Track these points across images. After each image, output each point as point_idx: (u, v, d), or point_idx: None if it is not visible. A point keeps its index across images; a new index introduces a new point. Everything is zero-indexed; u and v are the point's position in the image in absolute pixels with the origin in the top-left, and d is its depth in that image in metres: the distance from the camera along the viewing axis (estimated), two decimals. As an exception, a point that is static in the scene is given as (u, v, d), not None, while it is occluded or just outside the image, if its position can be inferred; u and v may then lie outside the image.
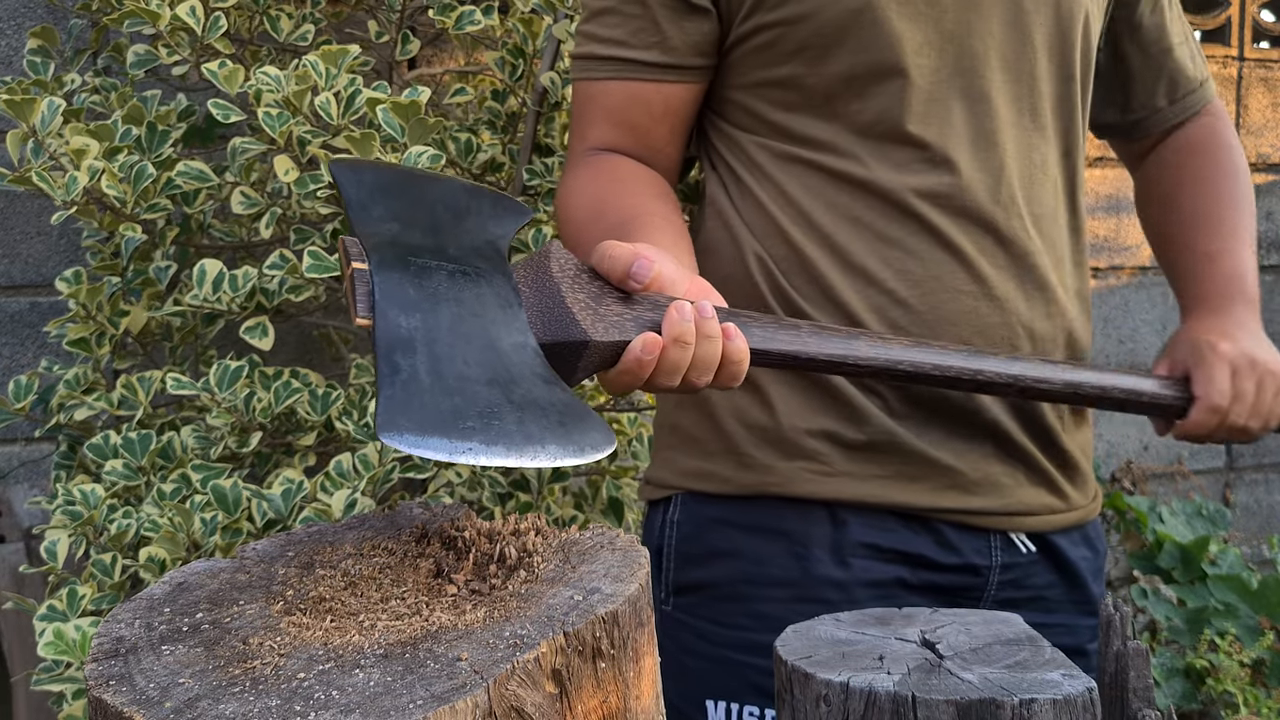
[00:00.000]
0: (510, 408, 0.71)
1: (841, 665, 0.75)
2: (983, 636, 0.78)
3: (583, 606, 0.65)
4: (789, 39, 1.03)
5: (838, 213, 1.06)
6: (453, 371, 0.71)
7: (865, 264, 1.05)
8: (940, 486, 1.07)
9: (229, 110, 1.35)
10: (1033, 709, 0.69)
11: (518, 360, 0.74)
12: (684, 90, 1.08)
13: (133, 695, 0.58)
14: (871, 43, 1.02)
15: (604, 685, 0.64)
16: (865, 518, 1.06)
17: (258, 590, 0.72)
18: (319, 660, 0.61)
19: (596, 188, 1.06)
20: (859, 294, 1.05)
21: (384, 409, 0.67)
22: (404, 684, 0.58)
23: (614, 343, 0.80)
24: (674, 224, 1.01)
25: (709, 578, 1.10)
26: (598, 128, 1.09)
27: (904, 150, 1.04)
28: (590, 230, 1.00)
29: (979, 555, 1.09)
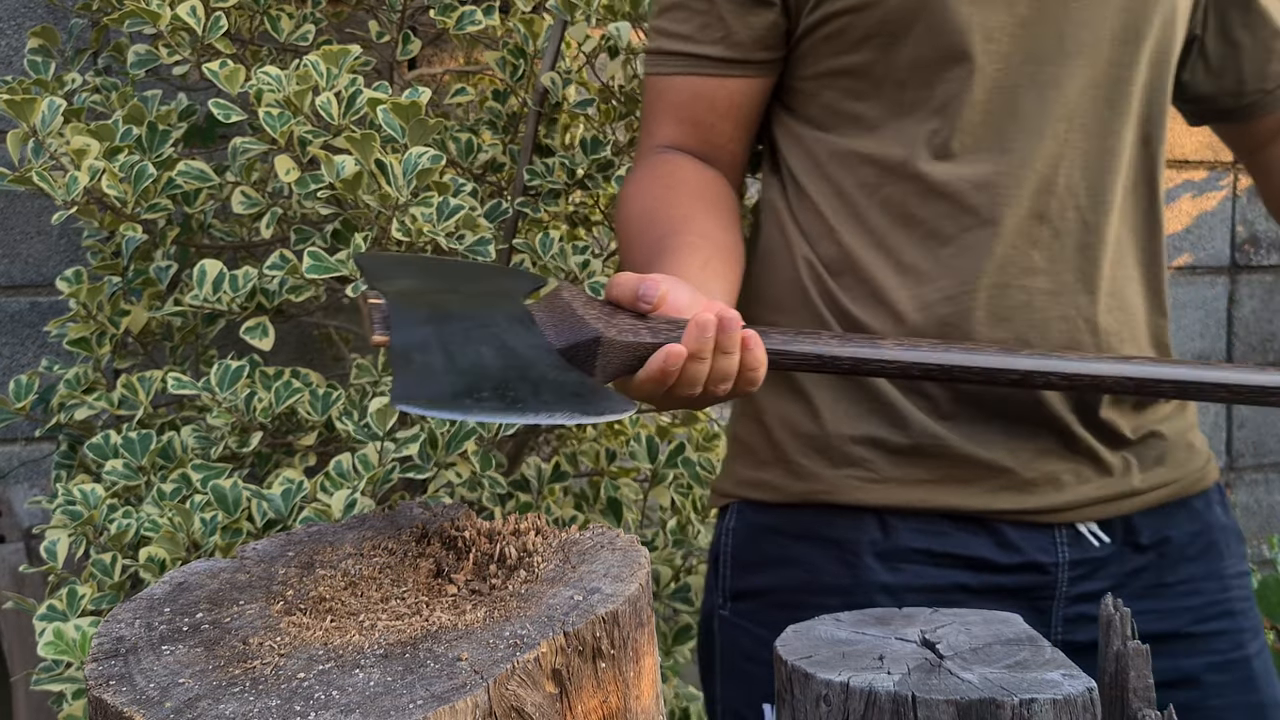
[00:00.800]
0: (525, 384, 0.74)
1: (841, 665, 0.75)
2: (983, 636, 0.78)
3: (583, 606, 0.65)
4: (857, 27, 1.03)
5: (891, 211, 1.05)
6: (467, 362, 0.74)
7: (916, 263, 1.04)
8: (994, 488, 1.05)
9: (230, 110, 1.35)
10: (1033, 709, 0.69)
11: (534, 357, 0.77)
12: (748, 85, 1.08)
13: (133, 695, 0.58)
14: (940, 29, 1.01)
15: (604, 685, 0.64)
16: (915, 523, 1.06)
17: (258, 590, 0.72)
18: (319, 660, 0.61)
19: (651, 194, 1.08)
20: (909, 293, 1.04)
21: (399, 385, 0.70)
22: (404, 684, 0.58)
23: (628, 343, 0.83)
24: (712, 241, 1.02)
25: (763, 584, 1.11)
26: (663, 124, 1.10)
27: (964, 138, 1.03)
28: (637, 242, 1.05)
29: (1043, 553, 1.07)
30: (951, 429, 1.04)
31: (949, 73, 1.02)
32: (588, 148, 1.48)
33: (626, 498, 1.52)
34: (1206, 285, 2.79)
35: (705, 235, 1.02)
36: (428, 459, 1.30)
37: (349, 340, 1.72)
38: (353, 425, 1.31)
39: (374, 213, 1.27)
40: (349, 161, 1.22)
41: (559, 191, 1.51)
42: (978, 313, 1.03)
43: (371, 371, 1.43)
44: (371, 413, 1.28)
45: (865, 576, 1.06)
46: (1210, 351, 2.81)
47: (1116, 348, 1.07)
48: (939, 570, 1.06)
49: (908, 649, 0.77)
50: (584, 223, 1.62)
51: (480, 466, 1.34)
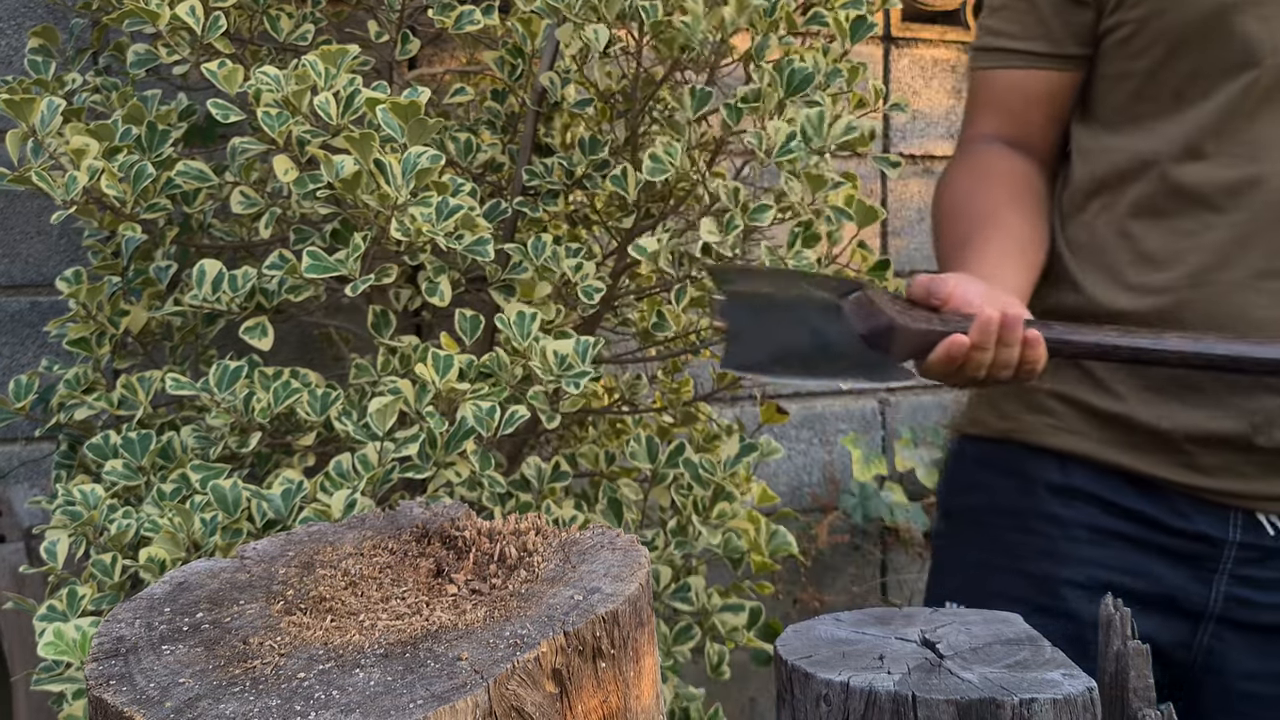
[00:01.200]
0: (826, 358, 1.04)
1: (841, 665, 0.75)
2: (983, 636, 0.78)
3: (583, 606, 0.65)
4: (1144, 34, 1.12)
5: (1140, 203, 1.14)
6: (782, 340, 1.05)
7: (1154, 252, 1.13)
8: (1175, 464, 1.13)
9: (229, 110, 1.35)
10: (1033, 709, 0.69)
11: (837, 339, 1.04)
12: (1061, 77, 1.19)
13: (133, 695, 0.58)
14: (1224, 43, 1.08)
15: (604, 685, 0.64)
16: (1092, 473, 1.17)
17: (258, 590, 0.72)
18: (319, 660, 0.61)
19: (961, 189, 1.24)
20: (1141, 279, 1.13)
21: (729, 354, 1.05)
22: (404, 683, 0.58)
23: (918, 330, 1.02)
24: (1012, 233, 1.16)
25: (961, 505, 1.30)
26: (982, 115, 1.24)
27: (1220, 143, 1.10)
28: (946, 234, 1.25)
29: (1214, 528, 1.13)
30: (1150, 404, 1.13)
31: (1229, 83, 1.09)
32: (586, 147, 1.48)
33: (626, 498, 1.52)
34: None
35: (1006, 228, 1.15)
36: (427, 459, 1.30)
37: (349, 340, 1.72)
38: (352, 425, 1.31)
39: (373, 212, 1.27)
40: (348, 161, 1.22)
41: (558, 191, 1.51)
42: (1200, 305, 1.10)
43: (370, 371, 1.43)
44: (371, 413, 1.28)
45: (1039, 506, 1.20)
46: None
47: None
48: (1107, 516, 1.17)
49: (908, 648, 0.77)
50: (583, 222, 1.61)
51: (480, 466, 1.34)
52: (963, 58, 2.48)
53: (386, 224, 1.27)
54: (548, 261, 1.40)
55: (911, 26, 2.42)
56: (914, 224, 2.48)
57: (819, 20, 1.41)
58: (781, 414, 1.72)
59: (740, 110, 1.36)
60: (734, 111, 1.36)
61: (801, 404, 2.39)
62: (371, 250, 1.32)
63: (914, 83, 2.44)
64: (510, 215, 1.49)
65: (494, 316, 1.38)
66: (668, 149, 1.36)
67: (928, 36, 2.44)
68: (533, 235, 1.43)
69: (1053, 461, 1.19)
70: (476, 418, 1.29)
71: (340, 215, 1.38)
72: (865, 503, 2.33)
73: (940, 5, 2.43)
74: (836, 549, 2.44)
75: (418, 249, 1.34)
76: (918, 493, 2.48)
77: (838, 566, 2.47)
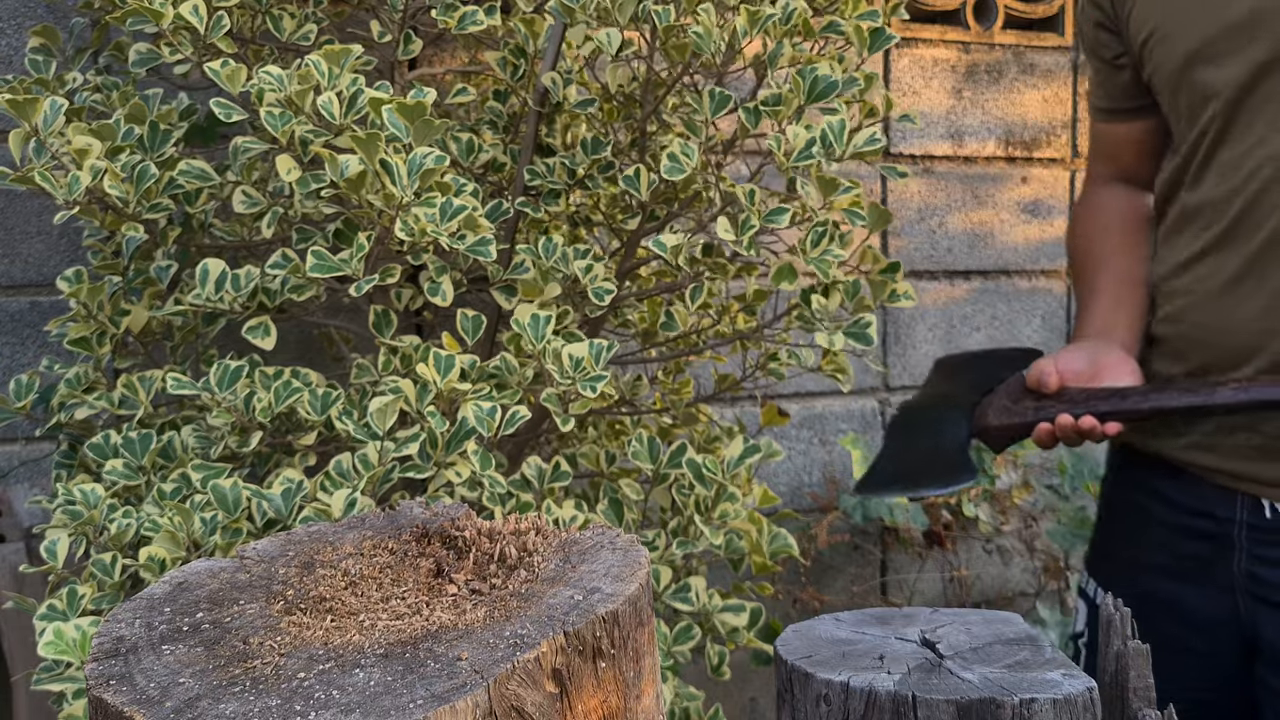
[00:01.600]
0: (928, 467, 1.33)
1: (842, 665, 0.75)
2: (983, 636, 0.78)
3: (583, 606, 0.65)
4: (1154, 85, 1.36)
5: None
6: (900, 454, 1.39)
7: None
8: (1188, 446, 1.33)
9: (231, 109, 1.35)
10: (1033, 709, 0.69)
11: (947, 445, 1.35)
12: (1133, 126, 1.44)
13: (133, 695, 0.58)
14: (1187, 87, 1.32)
15: (604, 685, 0.64)
16: (1136, 459, 1.41)
17: (258, 590, 0.72)
18: (319, 660, 0.61)
19: (1084, 234, 1.49)
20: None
21: (864, 480, 1.38)
22: (404, 683, 0.58)
23: (1007, 425, 1.34)
24: (1124, 278, 1.42)
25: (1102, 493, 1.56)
26: (1094, 159, 1.52)
27: (1197, 171, 1.31)
28: (1077, 273, 1.49)
29: (1221, 508, 1.30)
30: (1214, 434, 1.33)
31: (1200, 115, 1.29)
32: (588, 148, 1.48)
33: (628, 498, 1.52)
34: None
35: (1118, 274, 1.42)
36: (427, 459, 1.30)
37: (349, 340, 1.72)
38: (352, 425, 1.31)
39: (376, 212, 1.27)
40: (353, 161, 1.22)
41: (559, 191, 1.51)
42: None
43: (371, 371, 1.43)
44: (371, 412, 1.28)
45: (1106, 492, 1.50)
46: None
47: None
48: (1133, 490, 1.43)
49: (908, 648, 0.77)
50: (584, 223, 1.62)
51: (480, 466, 1.34)
52: (963, 58, 2.48)
53: (391, 224, 1.27)
54: (557, 263, 1.40)
55: (911, 26, 2.42)
56: (914, 224, 2.48)
57: (835, 29, 1.41)
58: (783, 416, 1.72)
59: (760, 113, 1.36)
60: (753, 115, 1.36)
61: (802, 404, 2.39)
62: (374, 250, 1.32)
63: (914, 83, 2.44)
64: (512, 216, 1.49)
65: (497, 317, 1.38)
66: (685, 149, 1.36)
67: (928, 36, 2.44)
68: (541, 236, 1.43)
69: (1117, 452, 1.47)
70: (477, 418, 1.29)
71: (343, 215, 1.38)
72: (865, 503, 2.33)
73: (940, 5, 2.43)
74: (836, 549, 2.44)
75: (421, 249, 1.34)
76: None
77: (837, 566, 2.46)
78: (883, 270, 1.50)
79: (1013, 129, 2.54)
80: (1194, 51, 1.26)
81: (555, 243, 1.41)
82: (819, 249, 1.37)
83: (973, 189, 2.52)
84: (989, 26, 2.49)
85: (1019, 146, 2.55)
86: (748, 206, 1.36)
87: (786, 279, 1.39)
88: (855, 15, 1.43)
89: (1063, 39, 2.56)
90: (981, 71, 2.50)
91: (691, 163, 1.36)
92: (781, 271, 1.40)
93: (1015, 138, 2.55)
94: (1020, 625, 0.80)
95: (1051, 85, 2.57)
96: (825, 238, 1.38)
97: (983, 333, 2.57)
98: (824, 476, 2.42)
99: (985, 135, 2.52)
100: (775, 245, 1.60)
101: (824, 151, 1.33)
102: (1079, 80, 2.59)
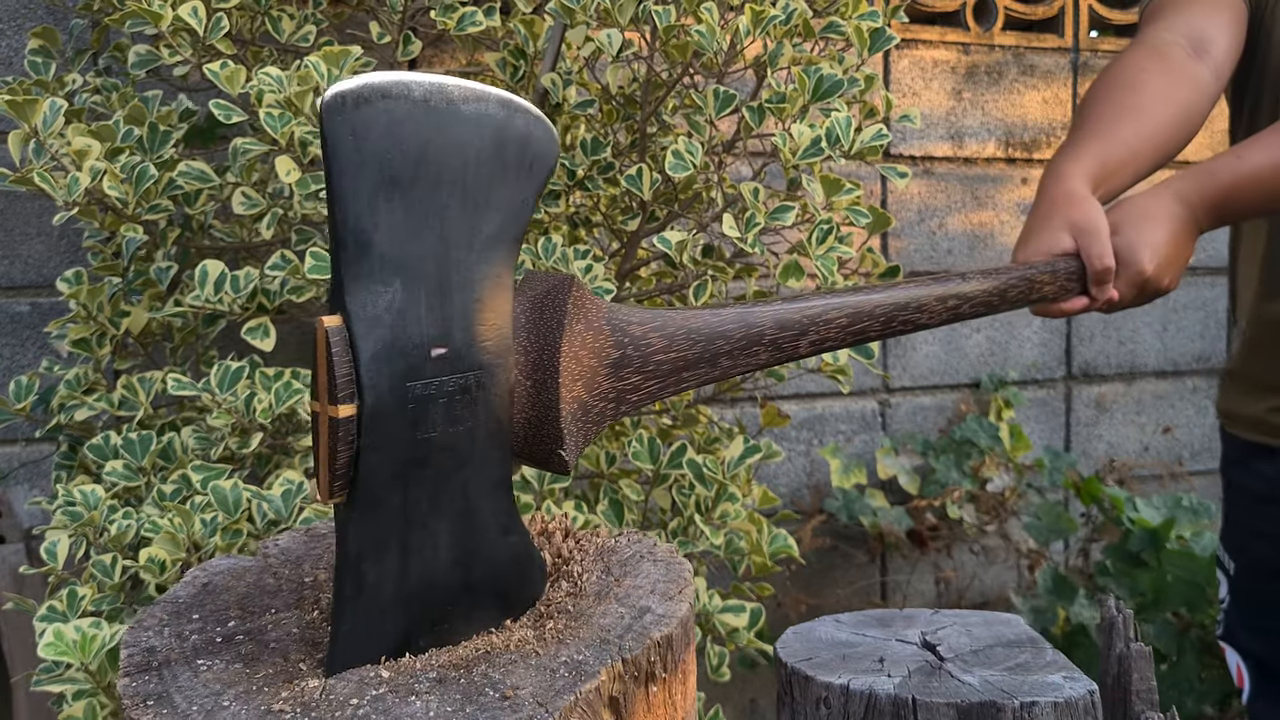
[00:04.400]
0: (463, 598, 0.65)
1: (842, 667, 0.75)
2: (984, 638, 0.78)
3: (636, 629, 0.62)
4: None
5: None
6: (419, 568, 0.63)
7: None
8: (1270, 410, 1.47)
9: (230, 111, 1.35)
10: (1034, 712, 0.69)
11: (489, 514, 0.66)
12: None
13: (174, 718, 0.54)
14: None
15: (654, 709, 0.62)
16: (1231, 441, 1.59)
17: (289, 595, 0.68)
18: (370, 684, 0.57)
19: (1106, 78, 1.33)
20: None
21: (340, 652, 0.60)
22: (465, 715, 0.54)
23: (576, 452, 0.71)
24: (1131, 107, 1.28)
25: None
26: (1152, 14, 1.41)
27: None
28: (1103, 92, 1.30)
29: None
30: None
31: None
32: (588, 148, 1.47)
33: (628, 498, 1.52)
34: (1206, 286, 2.79)
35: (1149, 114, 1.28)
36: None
37: (349, 341, 1.72)
38: (353, 426, 1.30)
39: (375, 214, 1.27)
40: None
41: (559, 192, 1.51)
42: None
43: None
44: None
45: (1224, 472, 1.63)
46: (1210, 352, 2.81)
47: None
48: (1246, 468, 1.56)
49: (908, 651, 0.77)
50: (584, 224, 1.61)
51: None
52: (963, 59, 2.48)
53: (387, 225, 1.26)
54: (557, 263, 1.40)
55: (911, 28, 2.42)
56: (914, 224, 2.48)
57: (835, 30, 1.41)
58: (783, 417, 1.72)
59: (764, 112, 1.36)
60: (756, 113, 1.36)
61: (801, 405, 2.38)
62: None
63: (914, 84, 2.44)
64: (511, 216, 1.48)
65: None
66: (689, 147, 1.36)
67: (928, 37, 2.44)
68: (541, 237, 1.43)
69: (1228, 438, 1.59)
70: (477, 419, 1.28)
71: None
72: (849, 505, 2.33)
73: (940, 6, 2.43)
74: (827, 552, 2.44)
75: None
76: (903, 498, 2.47)
77: (826, 570, 2.46)
78: (882, 274, 1.50)
79: (1013, 130, 2.54)
80: None
81: (555, 243, 1.41)
82: (824, 246, 1.37)
83: (973, 190, 2.52)
84: (989, 28, 2.49)
85: (1019, 148, 2.55)
86: (752, 204, 1.36)
87: (793, 276, 1.39)
88: (855, 16, 1.43)
89: (1063, 40, 2.56)
90: (981, 73, 2.50)
91: (695, 160, 1.36)
92: (787, 269, 1.39)
93: (1015, 139, 2.55)
94: (1021, 627, 0.80)
95: (1051, 86, 2.57)
96: (830, 236, 1.38)
97: (982, 334, 2.57)
98: (808, 482, 2.42)
99: (985, 136, 2.52)
100: (776, 246, 1.60)
101: (829, 150, 1.33)
102: (1079, 81, 2.59)
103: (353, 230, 0.57)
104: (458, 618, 0.64)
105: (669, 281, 1.65)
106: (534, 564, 0.68)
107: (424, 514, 0.62)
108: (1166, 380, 2.78)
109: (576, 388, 0.67)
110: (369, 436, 0.58)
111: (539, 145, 0.65)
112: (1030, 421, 2.63)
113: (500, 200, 0.64)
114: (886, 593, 2.49)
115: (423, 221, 0.60)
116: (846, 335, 0.83)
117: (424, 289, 0.60)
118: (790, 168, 1.34)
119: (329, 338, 0.57)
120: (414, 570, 0.62)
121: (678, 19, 1.36)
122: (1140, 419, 2.76)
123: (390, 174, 0.58)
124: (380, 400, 0.58)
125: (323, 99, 0.57)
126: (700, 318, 0.75)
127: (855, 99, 1.46)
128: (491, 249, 0.63)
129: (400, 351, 0.59)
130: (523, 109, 0.65)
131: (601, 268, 1.41)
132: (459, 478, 0.63)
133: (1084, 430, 2.70)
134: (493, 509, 0.65)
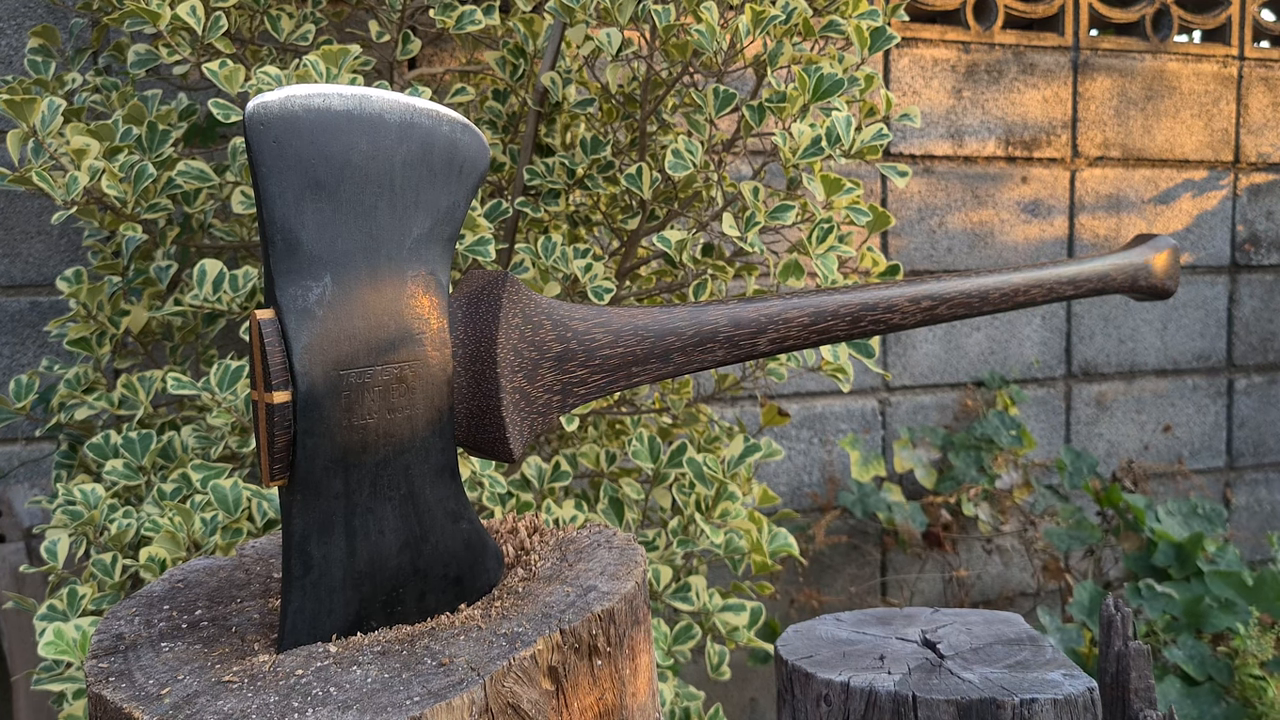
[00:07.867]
0: (414, 581, 0.67)
1: (842, 665, 0.74)
2: (984, 636, 0.78)
3: (579, 604, 0.65)
4: None
5: None
6: (366, 550, 0.65)
7: None
8: None
9: (229, 110, 1.35)
10: (1034, 709, 0.69)
11: (435, 500, 0.68)
12: None
13: (131, 691, 0.58)
14: None
15: (600, 682, 0.64)
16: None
17: (257, 587, 0.72)
18: (317, 657, 0.61)
19: None
20: None
21: (290, 629, 0.62)
22: (401, 680, 0.58)
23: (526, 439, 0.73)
24: None
25: None
26: None
27: None
28: None
29: None
30: None
31: None
32: (588, 147, 1.47)
33: (628, 497, 1.52)
34: (1206, 285, 2.79)
35: None
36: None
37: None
38: (353, 425, 1.30)
39: (374, 212, 1.27)
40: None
41: (559, 191, 1.50)
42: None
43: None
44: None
45: None
46: (1210, 351, 2.81)
47: None
48: None
49: (908, 649, 0.77)
50: (584, 223, 1.61)
51: (480, 466, 1.34)
52: (963, 57, 2.48)
53: (387, 224, 1.26)
54: (556, 262, 1.39)
55: (911, 26, 2.42)
56: (914, 223, 2.47)
57: (835, 29, 1.41)
58: (783, 416, 1.72)
59: (764, 111, 1.36)
60: (756, 112, 1.36)
61: (801, 404, 2.38)
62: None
63: (914, 83, 2.43)
64: (511, 215, 1.49)
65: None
66: (689, 146, 1.36)
67: (928, 36, 2.44)
68: (541, 236, 1.43)
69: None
70: (477, 417, 1.28)
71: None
72: (864, 499, 2.33)
73: (940, 5, 2.43)
74: (835, 549, 2.44)
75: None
76: (916, 493, 2.47)
77: (836, 566, 2.46)
78: (882, 273, 1.50)
79: (1013, 129, 2.54)
80: None
81: (555, 242, 1.41)
82: (824, 245, 1.37)
83: (972, 189, 2.52)
84: (989, 26, 2.49)
85: (1019, 146, 2.55)
86: (752, 202, 1.36)
87: (793, 275, 1.39)
88: (855, 15, 1.43)
89: (1063, 39, 2.56)
90: (981, 71, 2.50)
91: (695, 159, 1.36)
92: (788, 267, 1.39)
93: (1015, 137, 2.55)
94: (1021, 625, 0.80)
95: (1051, 85, 2.57)
96: (830, 235, 1.38)
97: (982, 333, 2.56)
98: (823, 476, 2.42)
99: (985, 135, 2.52)
100: (776, 245, 1.60)
101: (831, 147, 1.33)
102: (1079, 80, 2.59)
103: (280, 229, 0.62)
104: (409, 600, 0.67)
105: (669, 280, 1.65)
106: (488, 551, 0.71)
107: (366, 498, 0.65)
108: (1167, 379, 2.78)
109: (517, 379, 0.70)
110: (304, 421, 0.62)
111: (467, 151, 0.70)
112: (1030, 420, 2.63)
113: (429, 203, 0.68)
114: (897, 590, 2.49)
115: (351, 221, 0.64)
116: (810, 334, 0.85)
117: (356, 284, 0.64)
118: (790, 167, 1.34)
119: (261, 329, 0.62)
120: (361, 552, 0.65)
121: (677, 18, 1.36)
122: (1140, 417, 2.76)
123: (315, 178, 0.63)
124: (313, 387, 0.62)
125: (247, 109, 0.61)
126: (649, 315, 0.77)
127: (855, 98, 1.46)
128: (424, 248, 0.68)
129: (332, 341, 0.63)
130: (449, 119, 0.70)
131: (601, 266, 1.41)
132: (399, 463, 0.66)
133: (1084, 429, 2.70)
134: (438, 495, 0.68)
